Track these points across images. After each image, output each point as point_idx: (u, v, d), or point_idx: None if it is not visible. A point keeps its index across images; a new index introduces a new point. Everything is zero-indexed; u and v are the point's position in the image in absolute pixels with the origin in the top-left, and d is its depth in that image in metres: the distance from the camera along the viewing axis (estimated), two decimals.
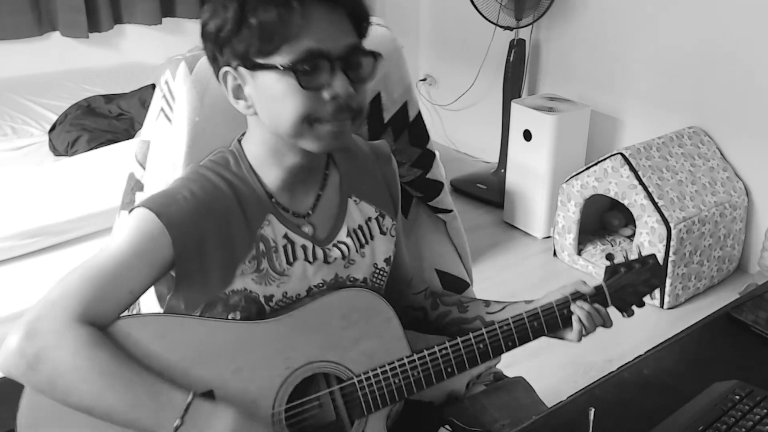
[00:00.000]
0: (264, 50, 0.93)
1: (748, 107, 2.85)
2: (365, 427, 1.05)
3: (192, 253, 0.99)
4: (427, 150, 1.39)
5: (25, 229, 2.04)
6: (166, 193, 1.02)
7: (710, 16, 2.88)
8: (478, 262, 3.07)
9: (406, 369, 1.05)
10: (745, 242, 3.00)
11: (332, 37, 0.94)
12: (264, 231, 1.05)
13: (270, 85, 0.95)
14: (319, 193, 1.11)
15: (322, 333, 1.04)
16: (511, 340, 1.09)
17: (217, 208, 1.01)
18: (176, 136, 1.19)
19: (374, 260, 1.15)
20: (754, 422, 0.95)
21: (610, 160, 2.79)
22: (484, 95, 3.94)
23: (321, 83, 0.94)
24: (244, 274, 1.03)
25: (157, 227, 0.96)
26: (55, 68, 3.59)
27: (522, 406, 1.39)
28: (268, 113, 0.99)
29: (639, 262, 1.17)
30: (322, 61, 0.93)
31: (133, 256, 0.95)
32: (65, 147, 2.72)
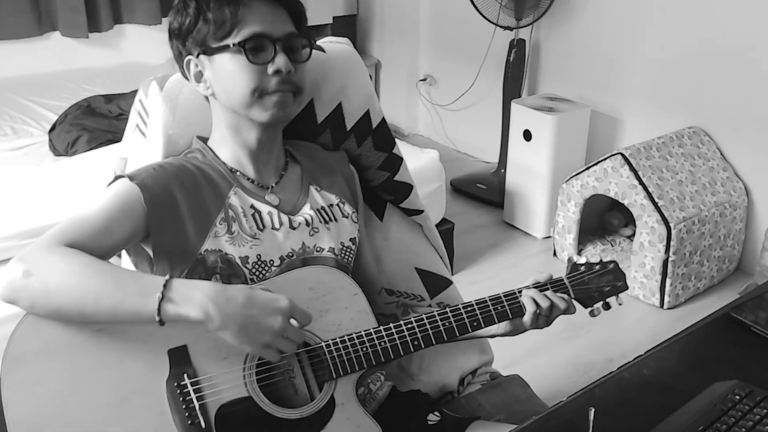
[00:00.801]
0: (218, 35, 1.13)
1: (748, 107, 2.85)
2: (334, 390, 1.10)
3: (163, 210, 1.12)
4: (392, 154, 1.46)
5: (25, 229, 2.04)
6: (138, 168, 1.18)
7: (710, 16, 2.88)
8: (478, 262, 3.07)
9: (373, 338, 1.12)
10: (745, 242, 3.00)
11: (273, 25, 1.14)
12: (231, 200, 1.18)
13: (224, 65, 1.14)
14: (282, 173, 1.26)
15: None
16: (475, 320, 1.16)
17: (185, 177, 1.16)
18: (151, 148, 1.30)
19: (340, 238, 1.25)
20: (754, 422, 0.95)
21: (610, 160, 2.79)
22: (484, 95, 3.94)
23: (265, 59, 1.13)
24: (218, 236, 1.14)
25: (131, 187, 1.11)
26: (55, 68, 3.59)
27: (517, 402, 1.40)
28: (224, 89, 1.16)
29: (599, 265, 1.24)
30: (265, 42, 1.13)
31: (112, 208, 1.10)
32: (65, 147, 2.72)
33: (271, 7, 1.15)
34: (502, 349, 1.57)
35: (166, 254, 1.13)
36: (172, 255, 1.13)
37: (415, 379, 1.45)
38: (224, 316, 0.97)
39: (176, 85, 1.30)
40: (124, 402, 0.98)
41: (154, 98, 1.29)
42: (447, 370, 1.48)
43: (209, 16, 1.13)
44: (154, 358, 1.01)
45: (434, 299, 1.48)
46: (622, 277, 1.24)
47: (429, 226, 1.53)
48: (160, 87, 1.30)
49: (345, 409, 1.09)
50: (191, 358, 1.03)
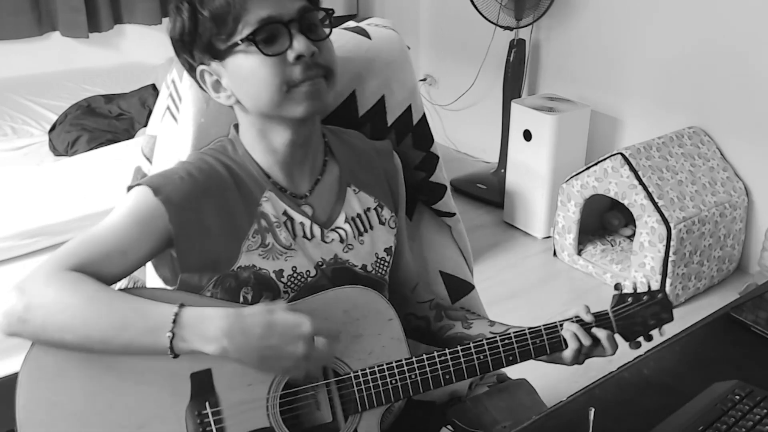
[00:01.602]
0: (223, 34, 1.00)
1: (748, 107, 2.84)
2: (358, 424, 1.05)
3: (191, 229, 1.03)
4: (430, 153, 1.39)
5: (25, 229, 2.04)
6: (163, 174, 1.07)
7: (710, 16, 2.88)
8: (478, 262, 3.07)
9: (404, 370, 1.05)
10: (745, 242, 3.00)
11: (281, 3, 0.99)
12: (263, 207, 1.08)
13: (240, 66, 1.01)
14: (318, 178, 1.15)
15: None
16: (512, 354, 1.09)
17: (214, 187, 1.06)
18: (182, 135, 1.22)
19: (375, 249, 1.17)
20: (754, 422, 0.95)
21: (610, 160, 2.79)
22: (484, 95, 3.94)
23: (282, 47, 0.99)
24: (250, 250, 1.06)
25: (154, 202, 1.01)
26: (55, 68, 3.59)
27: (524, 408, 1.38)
28: (247, 93, 1.04)
29: (647, 295, 1.15)
30: (277, 26, 0.99)
31: (129, 225, 1.00)
32: (65, 147, 2.72)
33: None
34: None
35: (195, 271, 1.06)
36: (201, 271, 1.06)
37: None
38: (241, 350, 0.93)
39: None
40: (141, 428, 0.95)
41: (189, 83, 1.19)
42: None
43: (206, 14, 0.99)
44: (176, 382, 0.97)
45: (455, 304, 1.45)
46: (668, 307, 1.16)
47: (459, 229, 1.47)
48: None
49: None
50: (214, 383, 0.98)
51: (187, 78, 1.19)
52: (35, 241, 2.06)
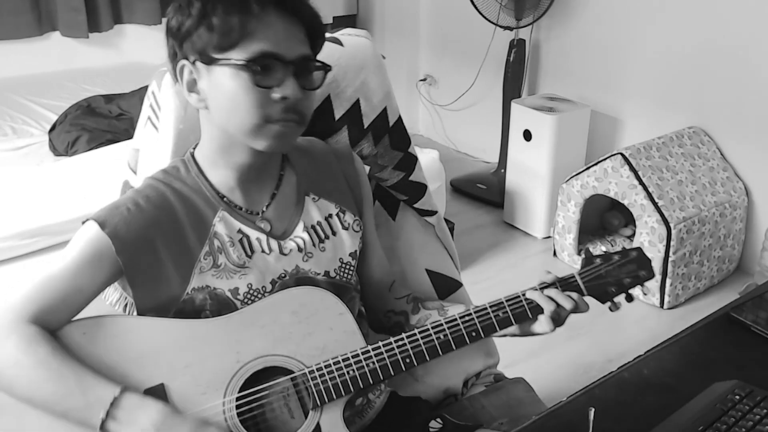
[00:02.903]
0: (222, 46, 1.00)
1: (748, 107, 2.84)
2: (320, 418, 1.04)
3: (140, 258, 1.04)
4: (408, 153, 1.44)
5: (25, 229, 2.04)
6: (113, 205, 1.08)
7: (710, 16, 2.88)
8: (478, 262, 3.07)
9: (360, 360, 1.05)
10: (745, 242, 3.00)
11: (287, 44, 1.01)
12: (216, 228, 1.09)
13: (224, 81, 1.01)
14: (274, 192, 1.15)
15: (272, 328, 1.06)
16: (474, 330, 1.08)
17: (163, 216, 1.07)
18: (162, 142, 1.26)
19: (338, 254, 1.18)
20: (754, 422, 0.95)
21: (610, 160, 2.79)
22: (484, 95, 3.94)
23: (272, 83, 1.00)
24: (203, 271, 1.07)
25: (101, 237, 1.03)
26: (55, 68, 3.59)
27: (521, 405, 1.39)
28: (220, 107, 1.04)
29: (619, 254, 1.14)
30: (275, 63, 1.00)
31: (81, 263, 1.02)
32: (65, 147, 2.72)
33: (288, 22, 1.01)
34: (502, 350, 1.57)
35: (150, 303, 1.07)
36: (156, 303, 1.07)
37: (419, 381, 1.44)
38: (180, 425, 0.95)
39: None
40: None
41: (167, 91, 1.25)
42: (451, 373, 1.47)
43: (214, 22, 0.99)
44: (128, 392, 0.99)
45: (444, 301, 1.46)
46: (647, 264, 1.13)
47: (442, 227, 1.50)
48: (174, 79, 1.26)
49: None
50: (169, 395, 1.00)
51: (166, 87, 1.24)
52: (35, 241, 2.06)
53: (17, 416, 0.97)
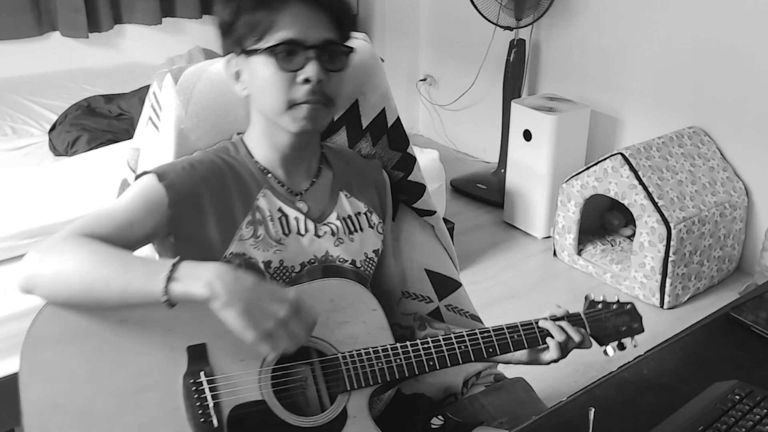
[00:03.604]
0: (253, 38, 1.11)
1: (748, 107, 2.85)
2: (347, 402, 1.09)
3: (188, 214, 1.12)
4: (407, 154, 1.46)
5: (25, 229, 2.04)
6: (169, 164, 1.17)
7: (710, 16, 2.88)
8: (478, 262, 3.07)
9: (389, 355, 1.11)
10: (745, 242, 3.00)
11: (309, 30, 1.10)
12: (259, 202, 1.17)
13: (259, 69, 1.12)
14: (314, 180, 1.24)
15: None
16: (491, 347, 1.16)
17: (213, 179, 1.15)
18: (164, 142, 1.29)
19: (364, 249, 1.25)
20: (754, 422, 0.95)
21: (610, 160, 2.79)
22: (484, 95, 3.94)
23: (296, 66, 1.10)
24: (243, 239, 1.14)
25: (158, 187, 1.11)
26: (55, 68, 3.59)
27: (520, 405, 1.40)
28: (257, 95, 1.16)
29: (617, 305, 1.25)
30: (297, 48, 1.10)
31: (135, 206, 1.09)
32: (65, 147, 2.72)
33: (312, 10, 1.11)
34: None
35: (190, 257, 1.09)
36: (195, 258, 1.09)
37: (419, 380, 1.45)
38: (230, 293, 0.94)
39: (191, 78, 1.29)
40: (138, 394, 0.98)
41: (168, 91, 1.28)
42: (452, 372, 1.47)
43: (246, 17, 1.11)
44: (173, 353, 1.01)
45: (443, 301, 1.47)
46: (638, 318, 1.25)
47: (440, 227, 1.52)
48: (175, 80, 1.29)
49: (357, 422, 1.08)
50: (209, 356, 1.03)
51: (167, 87, 1.28)
52: (35, 241, 2.05)
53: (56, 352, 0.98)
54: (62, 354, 0.97)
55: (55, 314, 0.99)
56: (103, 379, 0.98)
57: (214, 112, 1.29)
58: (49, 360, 0.97)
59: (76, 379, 0.97)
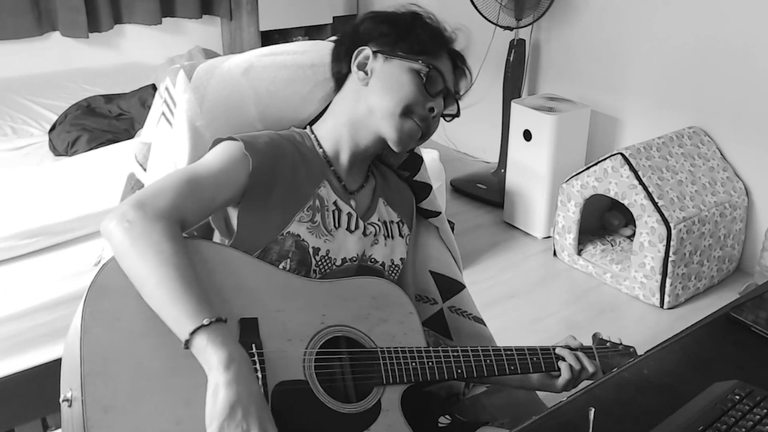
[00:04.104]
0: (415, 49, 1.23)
1: (748, 107, 2.85)
2: (382, 395, 1.12)
3: (262, 185, 1.15)
4: (414, 153, 1.46)
5: (25, 229, 2.04)
6: (251, 134, 1.20)
7: (710, 16, 2.88)
8: (478, 262, 3.07)
9: (423, 356, 1.16)
10: (745, 242, 3.00)
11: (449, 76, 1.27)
12: (320, 191, 1.22)
13: (400, 71, 1.22)
14: (363, 184, 1.31)
15: (354, 305, 1.17)
16: (513, 364, 1.22)
17: (288, 159, 1.20)
18: (178, 139, 1.28)
19: (392, 255, 1.30)
20: (754, 422, 0.95)
21: (610, 160, 2.79)
22: (484, 95, 3.94)
23: (435, 90, 1.22)
24: (301, 221, 1.18)
25: (242, 153, 1.14)
26: (55, 68, 3.60)
27: (521, 405, 1.40)
28: (381, 88, 1.22)
29: (621, 345, 1.34)
30: (440, 81, 1.23)
31: (220, 171, 1.13)
32: (65, 147, 2.72)
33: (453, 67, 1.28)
34: None
35: (251, 229, 1.15)
36: (256, 231, 1.15)
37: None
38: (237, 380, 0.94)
39: (204, 75, 1.30)
40: (187, 357, 0.98)
41: (182, 88, 1.28)
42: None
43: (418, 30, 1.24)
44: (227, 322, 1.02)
45: (446, 303, 1.47)
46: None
47: (445, 228, 1.52)
48: (188, 76, 1.29)
49: (389, 416, 1.11)
50: (260, 331, 1.05)
51: (181, 83, 1.28)
52: (35, 241, 2.06)
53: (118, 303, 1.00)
54: (124, 305, 1.00)
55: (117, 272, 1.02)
56: (158, 337, 0.99)
57: (228, 110, 1.29)
58: (110, 310, 0.99)
59: (134, 332, 0.99)
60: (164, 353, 0.99)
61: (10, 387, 1.92)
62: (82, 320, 0.96)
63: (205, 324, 0.96)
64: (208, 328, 0.96)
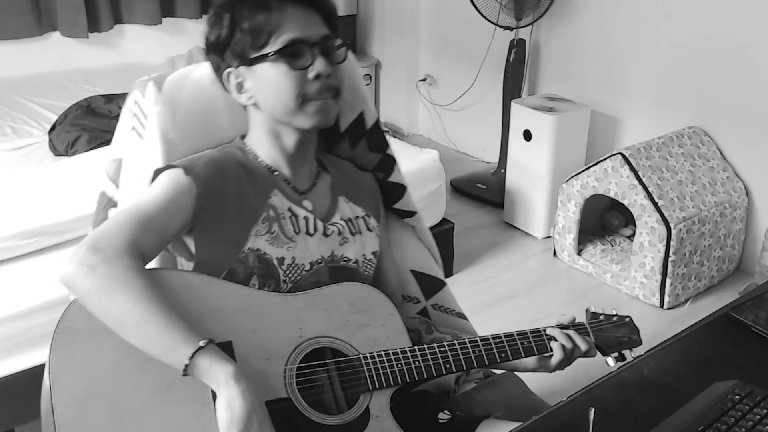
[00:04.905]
0: (256, 45, 1.15)
1: (749, 107, 2.85)
2: (369, 402, 1.11)
3: (211, 207, 1.14)
4: (387, 155, 1.46)
5: (25, 229, 2.04)
6: (190, 158, 1.19)
7: (710, 16, 2.88)
8: (478, 262, 3.07)
9: (408, 356, 1.15)
10: (745, 242, 3.00)
11: (309, 29, 1.16)
12: (272, 200, 1.20)
13: (266, 73, 1.16)
14: (315, 181, 1.28)
15: (332, 314, 1.15)
16: (504, 352, 1.20)
17: (233, 175, 1.18)
18: (150, 152, 1.27)
19: (363, 251, 1.28)
20: (754, 422, 0.95)
21: (610, 160, 2.79)
22: (484, 95, 3.94)
23: (305, 64, 1.15)
24: (258, 235, 1.16)
25: (185, 179, 1.13)
26: (55, 68, 3.59)
27: (514, 398, 1.41)
28: (267, 98, 1.18)
29: (616, 316, 1.31)
30: (303, 47, 1.15)
31: (167, 200, 1.11)
32: (65, 147, 2.72)
33: (305, 10, 1.17)
34: None
35: (210, 253, 1.14)
36: (215, 254, 1.14)
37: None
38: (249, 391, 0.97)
39: (175, 86, 1.28)
40: (168, 389, 0.99)
41: (153, 100, 1.27)
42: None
43: (245, 26, 1.14)
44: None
45: (429, 301, 1.48)
46: (636, 331, 1.29)
47: (422, 227, 1.52)
48: (159, 88, 1.28)
49: (380, 422, 1.11)
50: (235, 355, 1.04)
51: (151, 95, 1.27)
52: (35, 241, 2.06)
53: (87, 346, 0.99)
54: (93, 347, 0.99)
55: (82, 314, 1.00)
56: (133, 374, 0.99)
57: (201, 121, 1.28)
58: (81, 352, 0.98)
59: (108, 371, 0.98)
60: (141, 388, 0.98)
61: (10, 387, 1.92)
62: (49, 370, 0.95)
63: (202, 345, 0.97)
64: (205, 348, 0.97)
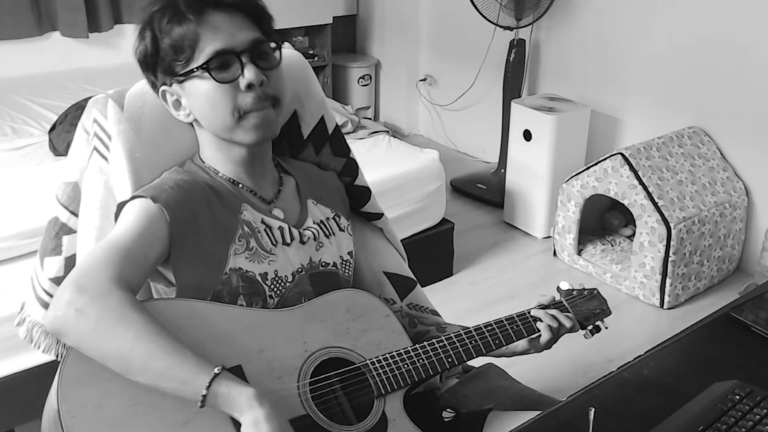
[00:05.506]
0: (181, 60, 1.08)
1: (749, 107, 2.85)
2: (384, 406, 1.11)
3: (186, 233, 1.08)
4: (350, 159, 1.46)
5: (25, 229, 2.04)
6: (154, 185, 1.12)
7: (710, 16, 2.88)
8: (478, 262, 3.07)
9: (411, 356, 1.15)
10: (745, 242, 3.00)
11: (235, 36, 1.08)
12: (244, 216, 1.16)
13: (197, 89, 1.10)
14: (279, 188, 1.24)
15: (330, 323, 1.15)
16: (497, 339, 1.21)
17: (201, 196, 1.12)
18: (117, 172, 1.22)
19: (340, 252, 1.27)
20: (754, 422, 0.95)
21: (610, 160, 2.79)
22: (484, 95, 3.94)
23: (234, 75, 1.08)
24: (237, 253, 1.12)
25: (155, 208, 1.07)
26: (55, 68, 3.59)
27: (502, 389, 1.42)
28: (202, 114, 1.13)
29: (586, 290, 1.35)
30: (229, 57, 1.07)
31: (141, 229, 1.05)
32: (65, 147, 2.72)
33: (230, 15, 1.08)
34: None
35: (191, 278, 1.09)
36: (196, 279, 1.09)
37: None
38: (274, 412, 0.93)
39: (136, 102, 1.23)
40: (186, 425, 0.95)
41: (115, 120, 1.21)
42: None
43: (166, 42, 1.07)
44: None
45: (404, 301, 1.48)
46: (605, 302, 1.34)
47: (389, 228, 1.53)
48: (120, 106, 1.22)
49: (397, 425, 1.10)
50: (247, 378, 1.01)
51: (113, 114, 1.22)
52: (35, 241, 2.05)
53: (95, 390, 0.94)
54: (102, 391, 0.94)
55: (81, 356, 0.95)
56: (148, 414, 0.94)
57: (165, 138, 1.23)
58: (90, 400, 0.93)
59: (121, 415, 0.93)
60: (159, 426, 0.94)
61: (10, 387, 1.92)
62: (61, 421, 0.90)
63: (217, 373, 0.92)
64: (220, 375, 0.93)
